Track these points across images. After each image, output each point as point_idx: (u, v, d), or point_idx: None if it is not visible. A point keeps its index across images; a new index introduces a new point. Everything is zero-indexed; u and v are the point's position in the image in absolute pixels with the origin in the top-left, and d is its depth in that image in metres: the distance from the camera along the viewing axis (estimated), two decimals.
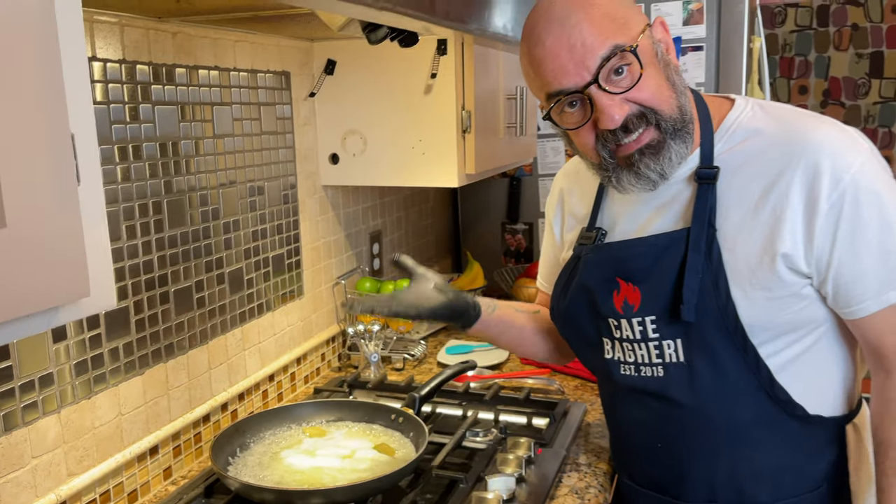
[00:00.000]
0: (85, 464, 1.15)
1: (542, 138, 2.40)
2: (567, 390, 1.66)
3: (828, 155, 0.95)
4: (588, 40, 0.94)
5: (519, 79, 1.95)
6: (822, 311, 1.02)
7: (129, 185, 1.21)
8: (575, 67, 0.95)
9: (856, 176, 0.94)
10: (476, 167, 1.70)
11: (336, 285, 1.87)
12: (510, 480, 1.20)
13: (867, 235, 0.95)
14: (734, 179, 1.01)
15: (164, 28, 1.27)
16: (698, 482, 1.10)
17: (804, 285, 0.99)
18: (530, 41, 0.99)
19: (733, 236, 1.00)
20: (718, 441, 1.06)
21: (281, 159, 1.62)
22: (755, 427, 1.04)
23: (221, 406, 1.46)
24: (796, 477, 1.07)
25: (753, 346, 1.00)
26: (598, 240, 1.14)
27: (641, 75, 0.95)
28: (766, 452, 1.06)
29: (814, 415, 1.04)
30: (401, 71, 1.65)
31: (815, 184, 0.95)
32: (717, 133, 1.05)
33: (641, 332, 1.07)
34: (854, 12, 3.78)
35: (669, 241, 1.04)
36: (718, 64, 2.20)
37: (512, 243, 2.54)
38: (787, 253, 0.96)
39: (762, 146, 1.01)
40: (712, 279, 1.00)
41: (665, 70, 0.99)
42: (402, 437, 1.32)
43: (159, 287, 1.29)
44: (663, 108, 0.98)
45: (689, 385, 1.05)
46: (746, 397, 1.03)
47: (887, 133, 3.83)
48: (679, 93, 1.00)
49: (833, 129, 0.99)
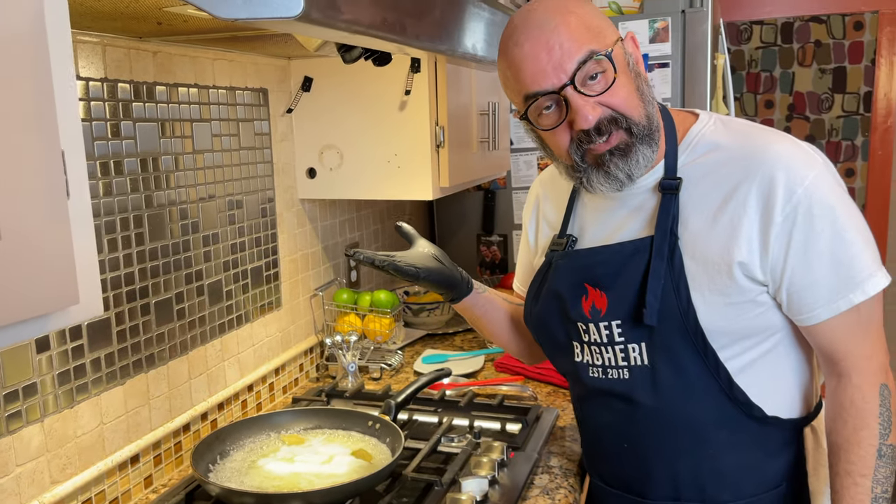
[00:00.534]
0: (68, 472, 1.17)
1: (515, 152, 2.46)
2: (540, 396, 1.71)
3: (783, 168, 1.01)
4: (566, 45, 1.00)
5: (491, 95, 2.01)
6: (778, 318, 1.07)
7: (111, 200, 1.24)
8: (553, 70, 1.01)
9: (809, 189, 1.00)
10: (450, 180, 1.75)
11: (314, 297, 1.91)
12: (483, 482, 1.24)
13: (819, 246, 1.00)
14: (696, 190, 1.07)
15: (145, 48, 1.31)
16: (662, 481, 1.14)
17: (760, 292, 1.04)
18: (509, 45, 1.04)
19: (693, 244, 1.05)
20: (681, 441, 1.11)
21: (259, 174, 1.66)
22: (716, 427, 1.09)
23: (201, 415, 1.49)
24: (756, 476, 1.12)
25: (713, 349, 1.05)
26: (568, 246, 1.19)
27: (615, 80, 1.01)
28: (726, 452, 1.10)
29: (771, 416, 1.09)
30: (376, 88, 1.70)
31: (771, 195, 1.00)
32: (681, 145, 1.10)
33: (608, 335, 1.12)
34: (817, 29, 3.91)
35: (634, 248, 1.09)
36: (684, 80, 2.28)
37: (487, 255, 2.60)
38: (742, 261, 1.02)
39: (722, 159, 1.07)
40: (674, 285, 1.05)
41: (636, 80, 1.05)
42: (378, 443, 1.36)
43: (140, 299, 1.32)
44: (633, 115, 1.03)
45: (652, 387, 1.10)
46: (707, 398, 1.08)
47: (850, 146, 3.95)
48: (647, 102, 1.06)
49: (789, 144, 1.05)
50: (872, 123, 3.91)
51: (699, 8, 2.21)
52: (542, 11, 1.03)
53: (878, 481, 1.02)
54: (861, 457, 1.03)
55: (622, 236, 1.12)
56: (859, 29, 3.87)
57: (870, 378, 1.03)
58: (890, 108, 3.86)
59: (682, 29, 2.24)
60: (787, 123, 3.96)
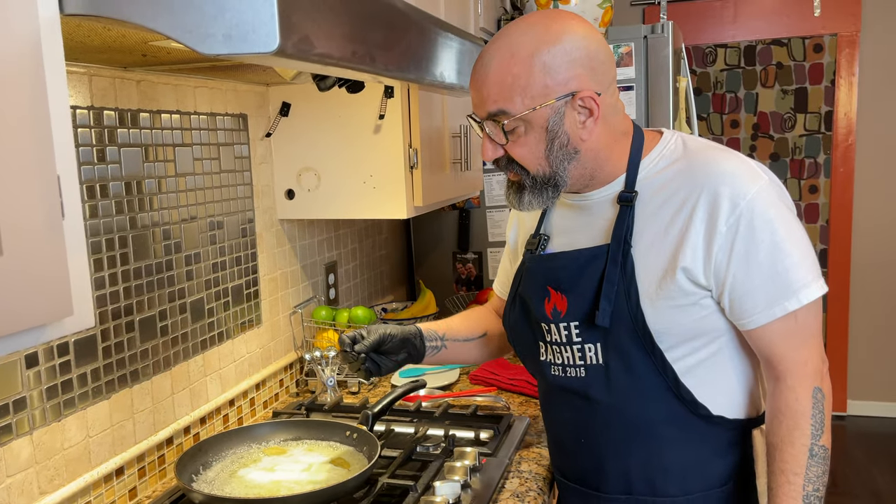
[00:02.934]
0: (55, 483, 1.22)
1: (487, 173, 2.55)
2: (512, 406, 1.78)
3: (728, 184, 1.09)
4: (485, 92, 1.11)
5: (462, 118, 2.10)
6: (722, 322, 1.14)
7: (97, 222, 1.30)
8: (478, 104, 1.14)
9: (751, 202, 1.08)
10: (424, 200, 1.82)
11: (293, 314, 1.96)
12: (456, 486, 1.30)
13: (759, 256, 1.08)
14: (651, 202, 1.15)
15: (130, 77, 1.37)
16: (616, 475, 1.22)
17: (703, 296, 1.12)
18: (476, 62, 1.15)
19: (646, 252, 1.13)
20: (632, 437, 1.18)
21: (239, 195, 1.72)
22: (664, 424, 1.17)
23: (184, 429, 1.53)
24: (703, 473, 1.19)
25: (661, 350, 1.13)
26: (540, 245, 1.28)
27: (521, 136, 1.11)
28: (674, 448, 1.18)
29: (717, 415, 1.16)
30: (352, 112, 1.78)
31: (716, 208, 1.09)
32: (643, 161, 1.19)
33: (567, 336, 1.20)
34: (778, 52, 4.07)
35: (592, 255, 1.17)
36: (648, 102, 2.39)
37: (463, 272, 2.67)
38: (686, 266, 1.10)
39: (676, 173, 1.15)
40: (625, 289, 1.13)
41: (551, 140, 1.11)
42: (356, 452, 1.42)
43: (125, 316, 1.37)
44: (530, 168, 1.15)
45: (605, 385, 1.18)
46: (655, 396, 1.15)
47: (813, 163, 4.09)
48: (553, 162, 1.13)
49: (736, 161, 1.14)
50: (834, 141, 4.05)
51: (660, 34, 2.32)
52: (494, 44, 1.12)
53: (809, 479, 1.10)
54: (794, 456, 1.10)
55: (583, 243, 1.21)
56: (819, 51, 4.02)
57: (804, 381, 1.11)
58: (850, 127, 4.01)
59: (644, 54, 2.35)
60: (752, 142, 4.09)
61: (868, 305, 4.07)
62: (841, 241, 4.08)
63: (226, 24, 0.77)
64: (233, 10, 0.77)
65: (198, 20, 0.77)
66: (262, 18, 0.77)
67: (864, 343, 4.06)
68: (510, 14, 2.78)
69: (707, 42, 4.12)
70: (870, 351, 4.08)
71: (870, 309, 4.07)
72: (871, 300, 4.06)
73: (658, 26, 2.34)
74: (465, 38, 1.49)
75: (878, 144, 3.97)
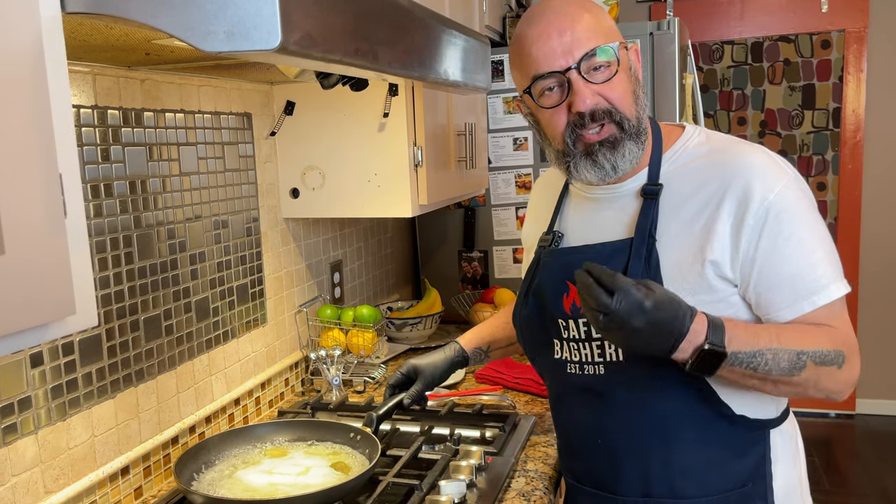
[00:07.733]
0: (61, 482, 1.22)
1: (493, 171, 2.54)
2: (518, 405, 1.77)
3: (756, 177, 1.09)
4: (577, 33, 1.10)
5: (468, 116, 2.09)
6: (749, 319, 1.13)
7: (102, 221, 1.30)
8: (562, 52, 1.10)
9: (779, 196, 1.08)
10: (429, 198, 1.82)
11: (298, 313, 1.96)
12: (461, 485, 1.30)
13: (786, 250, 1.08)
14: (676, 195, 1.15)
15: (134, 76, 1.37)
16: (634, 477, 1.19)
17: (731, 293, 1.11)
18: (524, 26, 1.14)
19: (670, 245, 1.13)
20: (651, 437, 1.16)
21: (244, 194, 1.72)
22: (686, 424, 1.15)
23: (189, 429, 1.53)
24: (722, 474, 1.17)
25: None
26: (554, 243, 1.27)
27: (617, 72, 1.10)
28: (695, 449, 1.16)
29: (739, 415, 1.15)
30: (356, 110, 1.77)
31: (744, 201, 1.09)
32: (666, 154, 1.18)
33: (586, 332, 1.18)
34: (785, 48, 4.04)
35: (614, 249, 1.17)
36: (654, 99, 2.37)
37: (468, 270, 2.66)
38: (714, 260, 1.09)
39: (702, 168, 1.15)
40: None
41: (633, 83, 1.14)
42: (359, 454, 1.40)
43: (130, 315, 1.37)
44: (625, 111, 1.12)
45: (625, 383, 1.16)
46: (677, 395, 1.13)
47: (821, 160, 4.07)
48: (640, 106, 1.15)
49: (762, 155, 1.14)
50: (842, 138, 4.03)
51: (666, 31, 2.31)
52: (559, 2, 1.13)
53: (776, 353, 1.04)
54: (798, 332, 1.07)
55: (604, 236, 1.20)
56: (826, 47, 4.00)
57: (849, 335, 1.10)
58: (858, 124, 3.98)
59: (650, 50, 2.33)
60: (759, 139, 4.07)
61: (876, 301, 4.04)
62: (849, 238, 4.05)
63: (227, 22, 0.77)
64: (234, 7, 0.76)
65: (199, 17, 0.77)
66: (263, 15, 0.77)
67: (872, 340, 4.03)
68: (515, 12, 2.77)
69: (714, 39, 4.10)
70: (879, 348, 4.05)
71: (878, 305, 4.05)
72: (880, 296, 4.04)
73: (664, 23, 2.32)
74: (470, 35, 1.48)
75: (887, 141, 3.94)
